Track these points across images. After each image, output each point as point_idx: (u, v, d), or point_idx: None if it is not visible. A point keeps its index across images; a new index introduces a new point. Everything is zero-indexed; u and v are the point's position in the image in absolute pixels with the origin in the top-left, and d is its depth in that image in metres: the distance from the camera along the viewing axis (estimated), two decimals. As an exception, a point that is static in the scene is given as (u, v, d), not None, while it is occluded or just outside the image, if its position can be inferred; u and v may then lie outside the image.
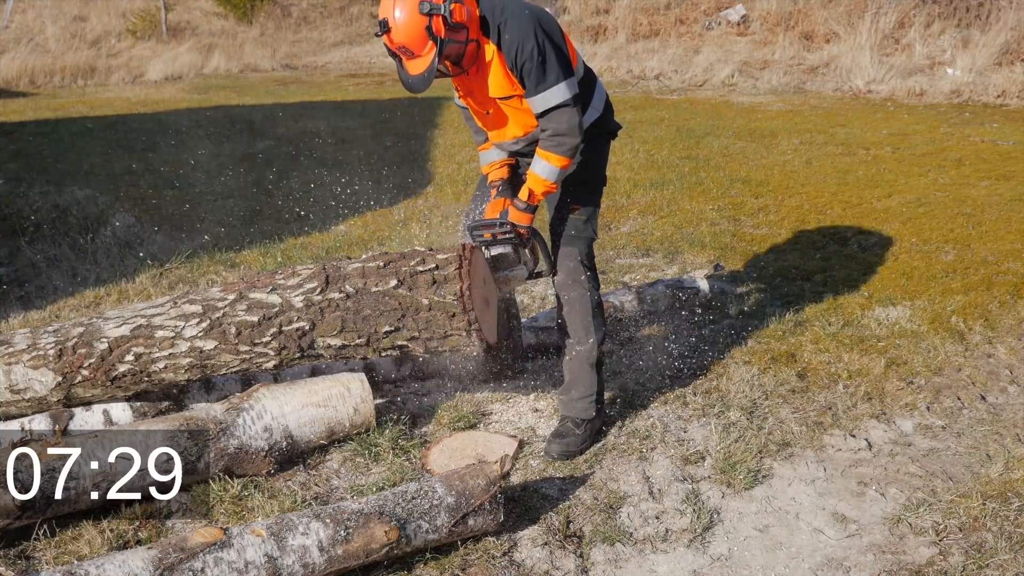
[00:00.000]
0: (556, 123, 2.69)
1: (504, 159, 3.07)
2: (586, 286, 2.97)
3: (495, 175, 3.05)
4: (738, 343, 3.79)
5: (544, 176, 2.78)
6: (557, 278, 2.98)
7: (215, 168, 7.45)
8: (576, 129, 2.69)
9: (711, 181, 6.61)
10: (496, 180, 3.04)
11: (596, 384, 3.02)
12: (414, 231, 5.45)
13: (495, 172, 3.06)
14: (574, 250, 2.95)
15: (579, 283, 2.96)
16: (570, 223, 2.95)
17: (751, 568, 2.42)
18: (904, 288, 4.42)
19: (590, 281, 2.99)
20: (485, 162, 3.10)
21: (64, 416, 2.85)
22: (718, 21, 14.70)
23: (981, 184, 6.39)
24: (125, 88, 13.55)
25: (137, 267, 4.80)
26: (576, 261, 2.96)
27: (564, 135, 2.70)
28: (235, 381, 3.12)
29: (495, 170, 3.06)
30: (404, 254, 2.78)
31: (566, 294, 2.97)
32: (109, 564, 2.05)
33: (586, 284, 2.97)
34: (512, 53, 2.64)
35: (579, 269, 2.96)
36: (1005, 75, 10.61)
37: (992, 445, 3.02)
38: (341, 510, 2.29)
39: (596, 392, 3.02)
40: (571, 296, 2.96)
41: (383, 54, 17.51)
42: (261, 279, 2.81)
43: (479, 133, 3.09)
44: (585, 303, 2.97)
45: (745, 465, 2.85)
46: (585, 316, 2.97)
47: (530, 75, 2.64)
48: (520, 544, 2.49)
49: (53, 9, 18.82)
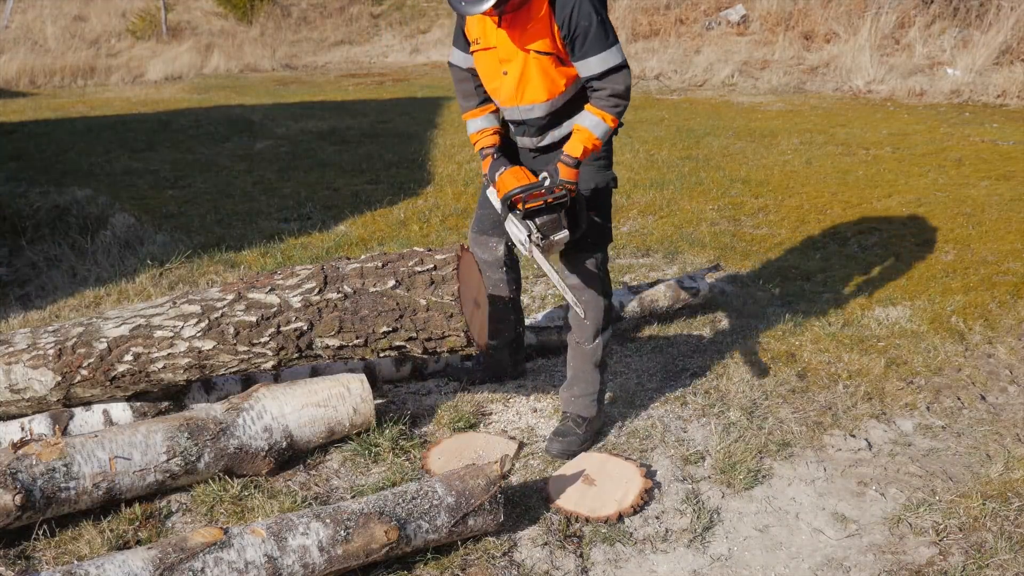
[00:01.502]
0: (614, 84, 2.68)
1: (495, 127, 2.99)
2: (600, 290, 2.98)
3: (486, 141, 2.97)
4: (738, 343, 3.79)
5: (596, 133, 2.72)
6: (571, 280, 2.97)
7: (215, 168, 7.45)
8: (629, 92, 2.71)
9: (711, 181, 6.61)
10: (488, 146, 2.95)
11: (599, 383, 3.04)
12: (414, 231, 5.46)
13: (486, 138, 2.97)
14: (591, 255, 2.95)
15: (594, 287, 2.97)
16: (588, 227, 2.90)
17: (751, 568, 2.42)
18: (904, 288, 4.42)
19: (604, 285, 3.00)
20: (474, 129, 3.00)
21: (64, 416, 2.85)
22: (718, 21, 14.70)
23: (981, 184, 6.39)
24: (125, 88, 13.55)
25: (137, 267, 4.80)
26: (593, 265, 2.97)
27: (621, 96, 2.69)
28: (235, 381, 3.12)
29: (486, 136, 2.98)
30: (402, 254, 2.78)
31: (580, 296, 2.94)
32: (109, 564, 2.05)
33: (600, 288, 2.98)
34: (567, 10, 2.61)
35: (595, 274, 2.97)
36: (1005, 75, 10.61)
37: (992, 445, 3.02)
38: (341, 510, 2.29)
39: (598, 391, 3.03)
40: (584, 299, 2.94)
41: (383, 54, 17.53)
42: (260, 279, 2.81)
43: (470, 99, 3.00)
44: (598, 307, 2.98)
45: (745, 465, 2.85)
46: (596, 319, 2.98)
47: (587, 35, 2.62)
48: (520, 544, 2.49)
49: (53, 9, 18.83)
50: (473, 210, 5.91)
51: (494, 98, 2.91)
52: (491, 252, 3.18)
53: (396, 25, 19.17)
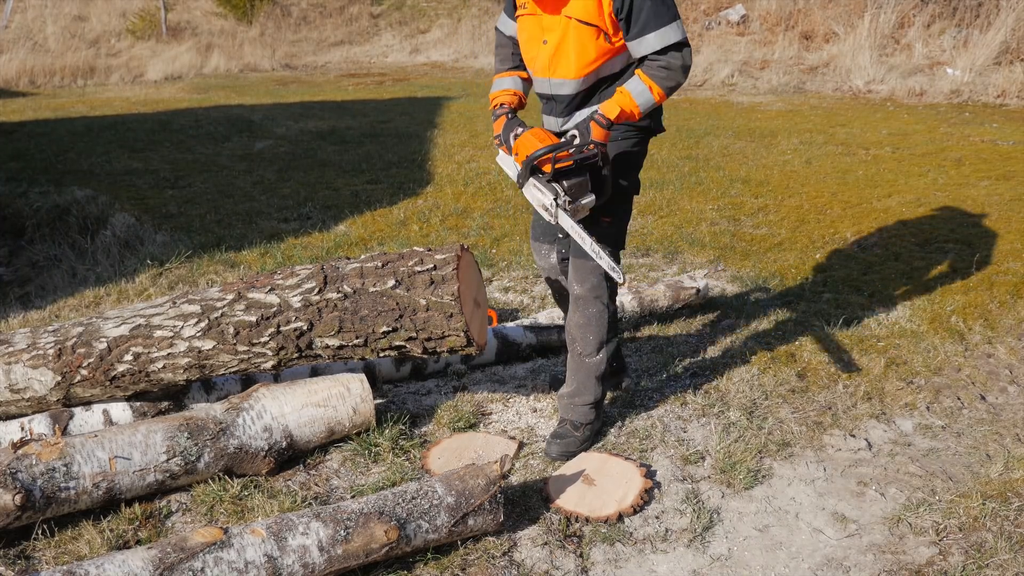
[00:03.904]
0: (671, 60, 2.52)
1: (517, 89, 2.92)
2: (605, 301, 2.89)
3: (503, 98, 2.89)
4: (738, 343, 3.79)
5: (638, 100, 2.56)
6: (577, 290, 2.87)
7: (215, 168, 7.45)
8: (687, 71, 2.56)
9: (711, 181, 6.61)
10: (504, 104, 2.87)
11: (600, 393, 2.98)
12: (414, 231, 5.46)
13: (505, 96, 2.90)
14: (598, 266, 2.76)
15: (600, 299, 2.87)
16: (598, 234, 2.72)
17: (751, 568, 2.42)
18: (904, 288, 4.42)
19: (609, 296, 2.90)
20: (496, 88, 2.94)
21: (64, 416, 2.85)
22: (718, 21, 14.71)
23: (981, 184, 6.39)
24: (125, 88, 13.56)
25: (137, 267, 4.80)
26: (599, 276, 2.82)
27: (676, 71, 2.54)
28: (235, 381, 3.12)
29: (505, 95, 2.90)
30: (402, 254, 2.78)
31: (585, 308, 2.86)
32: (109, 564, 2.05)
33: (606, 300, 2.89)
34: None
35: (601, 286, 2.85)
36: (1005, 75, 10.61)
37: (992, 445, 3.02)
38: (341, 510, 2.29)
39: (597, 400, 2.98)
40: (589, 311, 2.87)
41: (382, 54, 17.53)
42: (260, 279, 2.81)
43: (505, 62, 2.93)
44: (603, 320, 2.88)
45: (745, 465, 2.85)
46: (600, 332, 2.90)
47: (643, 9, 2.50)
48: (520, 544, 2.49)
49: (53, 9, 18.83)
50: (473, 210, 5.93)
51: (529, 68, 2.83)
52: (545, 259, 3.11)
53: (396, 25, 19.17)
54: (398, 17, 19.52)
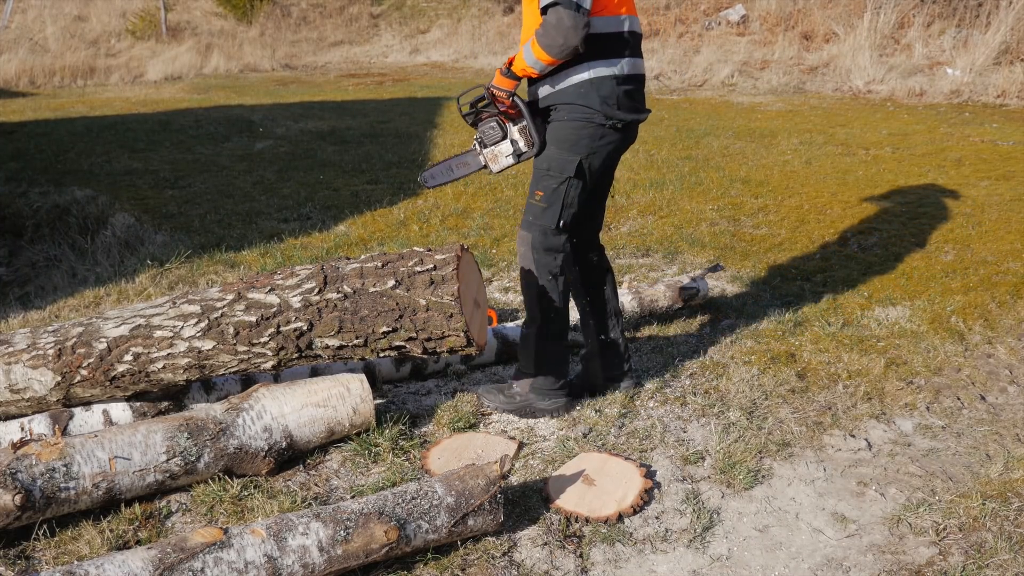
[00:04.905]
0: (547, 18, 2.70)
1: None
2: (536, 273, 3.03)
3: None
4: (738, 343, 3.79)
5: (523, 54, 2.82)
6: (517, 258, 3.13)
7: (215, 168, 7.45)
8: (565, 31, 2.67)
9: (711, 181, 6.61)
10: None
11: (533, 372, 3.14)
12: (414, 231, 5.45)
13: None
14: (528, 235, 3.01)
15: (529, 271, 3.04)
16: (529, 207, 3.01)
17: (751, 568, 2.42)
18: (904, 288, 4.42)
19: (543, 268, 3.03)
20: None
21: (64, 416, 2.85)
22: (718, 21, 14.71)
23: (981, 184, 6.40)
24: (125, 88, 13.56)
25: (137, 267, 4.80)
26: (527, 246, 3.02)
27: (549, 28, 2.70)
28: (235, 381, 3.12)
29: None
30: (402, 254, 2.78)
31: (521, 277, 3.08)
32: (109, 564, 2.05)
33: (536, 271, 3.03)
34: None
35: (528, 256, 3.02)
36: (1005, 75, 10.61)
37: (992, 445, 3.02)
38: (341, 510, 2.29)
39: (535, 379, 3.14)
40: (525, 282, 3.06)
41: (382, 54, 17.53)
42: (260, 279, 2.81)
43: None
44: (532, 288, 3.05)
45: (745, 465, 2.85)
46: (532, 299, 3.07)
47: None
48: (520, 544, 2.49)
49: (53, 9, 18.84)
50: (473, 210, 5.93)
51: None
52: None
53: (396, 25, 19.18)
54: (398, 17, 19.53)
